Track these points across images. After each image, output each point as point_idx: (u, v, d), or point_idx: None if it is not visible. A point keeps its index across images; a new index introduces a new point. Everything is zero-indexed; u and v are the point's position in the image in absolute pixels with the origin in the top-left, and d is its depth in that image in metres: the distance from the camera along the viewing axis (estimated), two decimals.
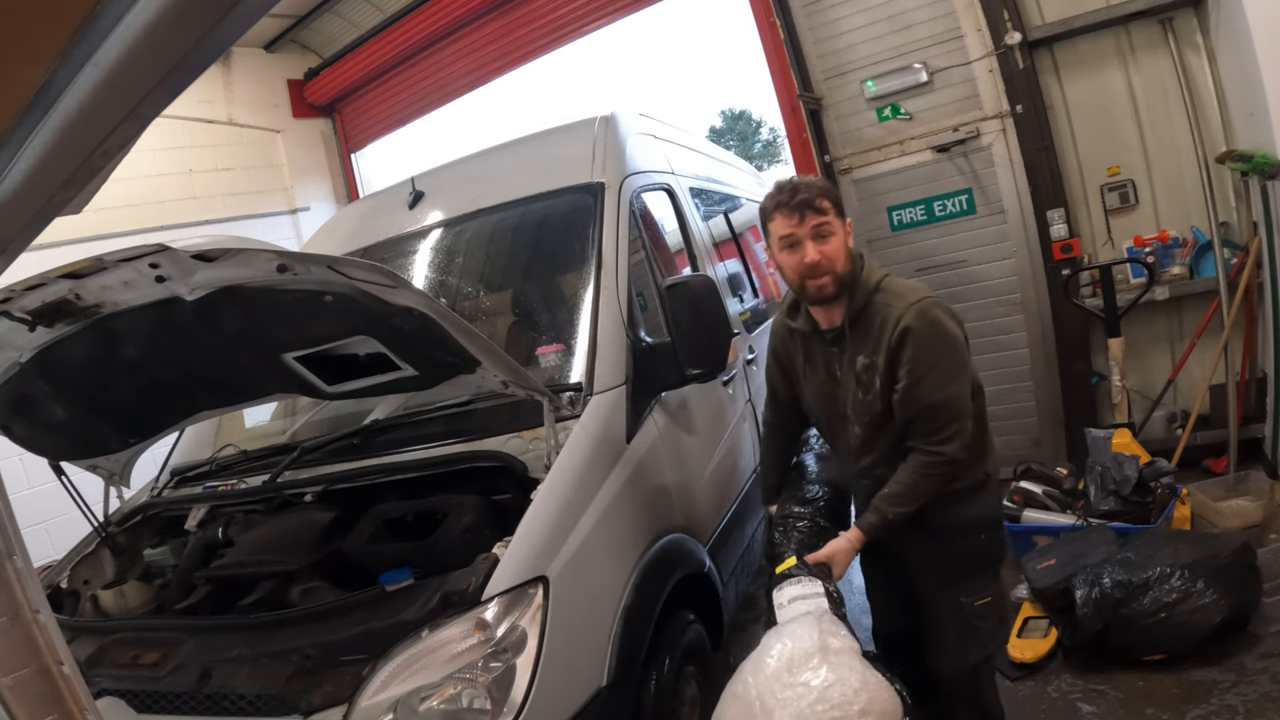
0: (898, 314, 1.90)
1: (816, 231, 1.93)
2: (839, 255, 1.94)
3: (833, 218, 1.94)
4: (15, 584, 1.04)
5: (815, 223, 1.92)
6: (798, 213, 1.93)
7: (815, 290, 1.95)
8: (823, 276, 1.93)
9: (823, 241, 1.93)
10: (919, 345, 1.89)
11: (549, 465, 2.06)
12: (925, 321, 1.88)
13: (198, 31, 0.41)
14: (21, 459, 2.68)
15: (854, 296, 1.98)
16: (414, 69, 6.99)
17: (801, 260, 1.93)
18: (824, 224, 1.93)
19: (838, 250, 1.94)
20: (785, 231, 1.96)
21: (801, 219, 1.93)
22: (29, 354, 2.11)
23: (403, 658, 1.70)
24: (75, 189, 0.59)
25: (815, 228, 1.92)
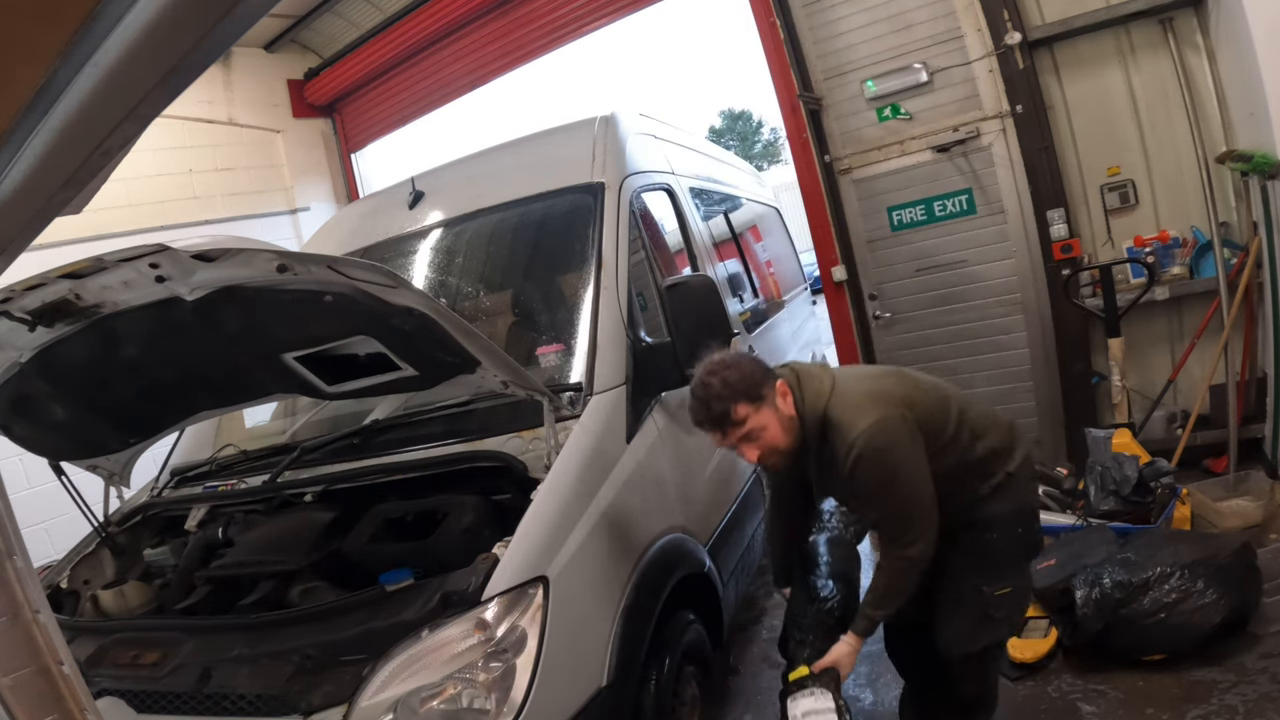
0: (846, 447, 1.91)
1: (745, 438, 1.93)
2: (776, 440, 1.95)
3: (753, 418, 1.91)
4: (15, 584, 1.04)
5: (737, 435, 1.92)
6: (717, 430, 1.93)
7: (772, 468, 2.08)
8: (771, 460, 1.99)
9: (754, 442, 1.94)
10: (869, 472, 1.92)
11: (549, 465, 2.06)
12: (871, 449, 1.90)
13: (198, 31, 0.41)
14: (21, 459, 2.68)
15: (808, 436, 1.99)
16: (414, 69, 6.99)
17: (747, 458, 1.99)
18: (747, 432, 1.92)
19: (774, 438, 1.94)
20: (717, 444, 1.99)
21: (724, 434, 1.93)
22: (29, 354, 2.11)
23: (403, 658, 1.70)
24: (75, 189, 0.59)
25: (741, 437, 1.92)
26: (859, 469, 1.91)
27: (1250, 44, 3.38)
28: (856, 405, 1.94)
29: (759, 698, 3.10)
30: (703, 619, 2.48)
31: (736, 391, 1.88)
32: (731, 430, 1.91)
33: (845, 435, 1.91)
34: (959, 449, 2.06)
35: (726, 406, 1.87)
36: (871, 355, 4.83)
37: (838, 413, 1.94)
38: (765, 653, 3.40)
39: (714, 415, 1.89)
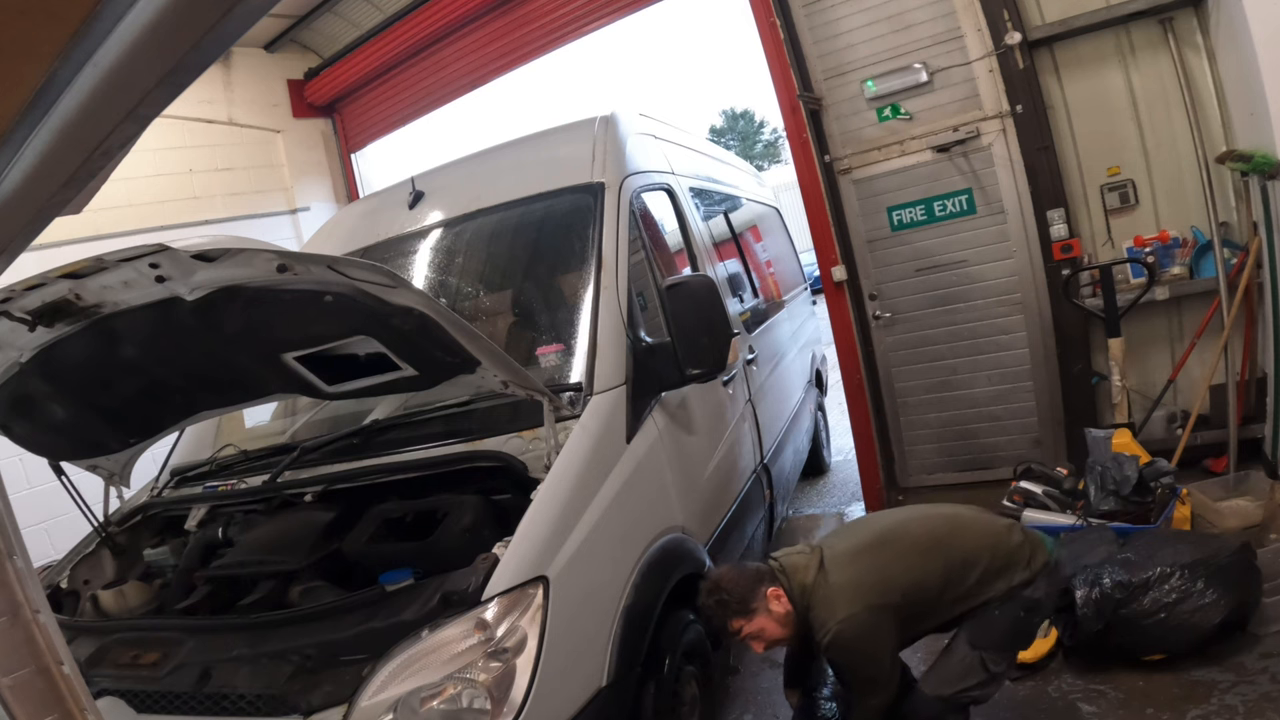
0: (822, 634, 2.24)
1: (746, 638, 2.28)
2: (776, 635, 2.28)
3: (747, 627, 2.25)
4: (15, 584, 1.03)
5: (741, 638, 2.29)
6: (727, 632, 2.31)
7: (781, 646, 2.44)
8: (776, 646, 2.36)
9: (756, 639, 2.28)
10: (839, 655, 2.30)
11: (549, 465, 2.06)
12: (840, 640, 2.21)
13: (198, 31, 0.41)
14: (21, 459, 2.68)
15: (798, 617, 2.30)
16: (414, 69, 6.99)
17: (755, 650, 2.36)
18: (745, 636, 2.27)
19: (772, 634, 2.27)
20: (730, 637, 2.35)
21: (732, 636, 2.31)
22: (29, 354, 2.11)
23: (403, 658, 1.70)
24: (75, 189, 0.58)
25: (744, 639, 2.28)
26: (830, 651, 2.26)
27: (1250, 44, 3.38)
28: (831, 601, 2.24)
29: (759, 698, 3.10)
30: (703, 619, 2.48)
31: (729, 610, 2.24)
32: (735, 636, 2.28)
33: (821, 625, 2.23)
34: (955, 586, 2.28)
35: (724, 623, 2.26)
36: (871, 355, 4.83)
37: (816, 609, 2.26)
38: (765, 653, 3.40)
39: (719, 627, 2.31)
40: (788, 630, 2.27)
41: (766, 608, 2.24)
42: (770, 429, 3.76)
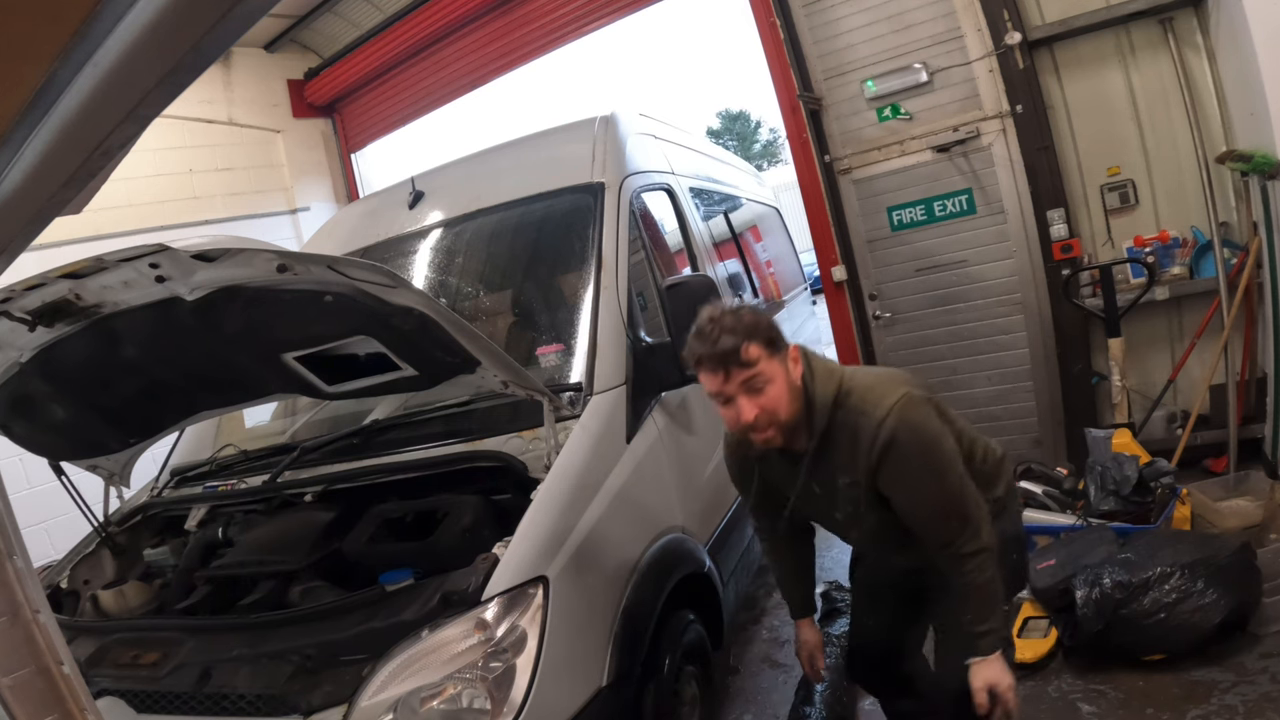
0: (873, 428, 1.67)
1: (748, 386, 1.65)
2: (779, 403, 1.68)
3: (764, 364, 1.65)
4: (15, 584, 1.03)
5: (744, 377, 1.65)
6: (721, 369, 1.65)
7: (761, 444, 1.75)
8: (765, 430, 1.70)
9: (757, 394, 1.66)
10: (907, 458, 1.68)
11: (549, 465, 2.06)
12: (908, 428, 1.67)
13: (198, 31, 0.41)
14: (21, 459, 2.68)
15: (813, 422, 1.74)
16: (414, 69, 6.99)
17: (738, 416, 1.68)
18: (753, 377, 1.65)
19: (778, 398, 1.67)
20: (713, 389, 1.69)
21: (727, 376, 1.65)
22: (29, 354, 2.11)
23: (403, 658, 1.70)
24: (75, 189, 0.59)
25: (744, 383, 1.65)
26: (893, 452, 1.66)
27: (1250, 44, 3.38)
28: (876, 384, 1.73)
29: (759, 698, 3.10)
30: (703, 619, 2.48)
31: (751, 330, 1.64)
32: (736, 371, 1.63)
33: (870, 413, 1.67)
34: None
35: (738, 343, 1.62)
36: (871, 355, 4.83)
37: (856, 393, 1.71)
38: (765, 653, 3.40)
39: (721, 351, 1.62)
40: (791, 410, 1.70)
41: (785, 360, 1.71)
42: None
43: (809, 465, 1.80)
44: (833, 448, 1.75)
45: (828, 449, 1.76)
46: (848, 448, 1.73)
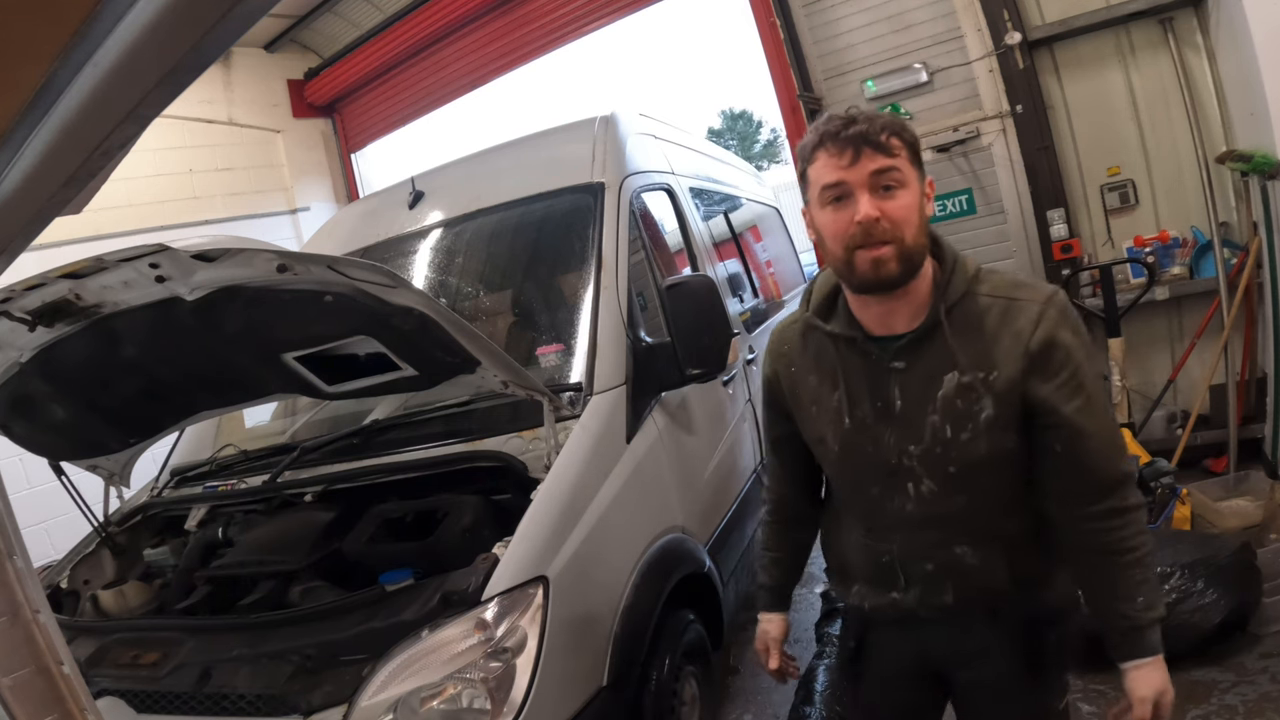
0: (1035, 311, 1.29)
1: (877, 180, 1.27)
2: (909, 218, 1.27)
3: (904, 163, 1.28)
4: (15, 584, 1.03)
5: (876, 166, 1.26)
6: (850, 148, 1.27)
7: (869, 265, 1.28)
8: (881, 246, 1.26)
9: (886, 195, 1.27)
10: (1074, 356, 1.30)
11: (549, 465, 2.06)
12: (1073, 325, 1.31)
13: (198, 31, 0.41)
14: (21, 459, 2.68)
15: (940, 288, 1.34)
16: (414, 69, 6.99)
17: (851, 218, 1.27)
18: (889, 169, 1.27)
19: (908, 211, 1.27)
20: (831, 178, 1.29)
21: (855, 157, 1.27)
22: (29, 354, 2.11)
23: (403, 658, 1.70)
24: (75, 189, 0.58)
25: (875, 174, 1.26)
26: (1060, 343, 1.28)
27: (1250, 44, 3.38)
28: (1022, 277, 1.41)
29: (759, 698, 3.10)
30: (703, 619, 2.48)
31: (898, 126, 1.30)
32: (869, 156, 1.26)
33: (1028, 296, 1.31)
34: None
35: (881, 129, 1.27)
36: None
37: (996, 277, 1.36)
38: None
39: (861, 130, 1.26)
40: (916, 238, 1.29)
41: (922, 185, 1.33)
42: None
43: (909, 349, 1.34)
44: (959, 333, 1.32)
45: (949, 331, 1.32)
46: (986, 335, 1.31)
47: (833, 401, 1.43)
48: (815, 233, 1.37)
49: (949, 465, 1.35)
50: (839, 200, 1.30)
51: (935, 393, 1.34)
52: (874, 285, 1.31)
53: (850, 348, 1.41)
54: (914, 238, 1.29)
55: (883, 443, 1.39)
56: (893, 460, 1.39)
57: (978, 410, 1.32)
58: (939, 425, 1.34)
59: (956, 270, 1.35)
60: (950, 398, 1.33)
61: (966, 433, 1.33)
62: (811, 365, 1.48)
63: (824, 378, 1.46)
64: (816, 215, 1.35)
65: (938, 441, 1.35)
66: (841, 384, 1.42)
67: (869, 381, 1.40)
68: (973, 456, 1.34)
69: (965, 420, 1.33)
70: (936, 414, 1.34)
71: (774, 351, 1.56)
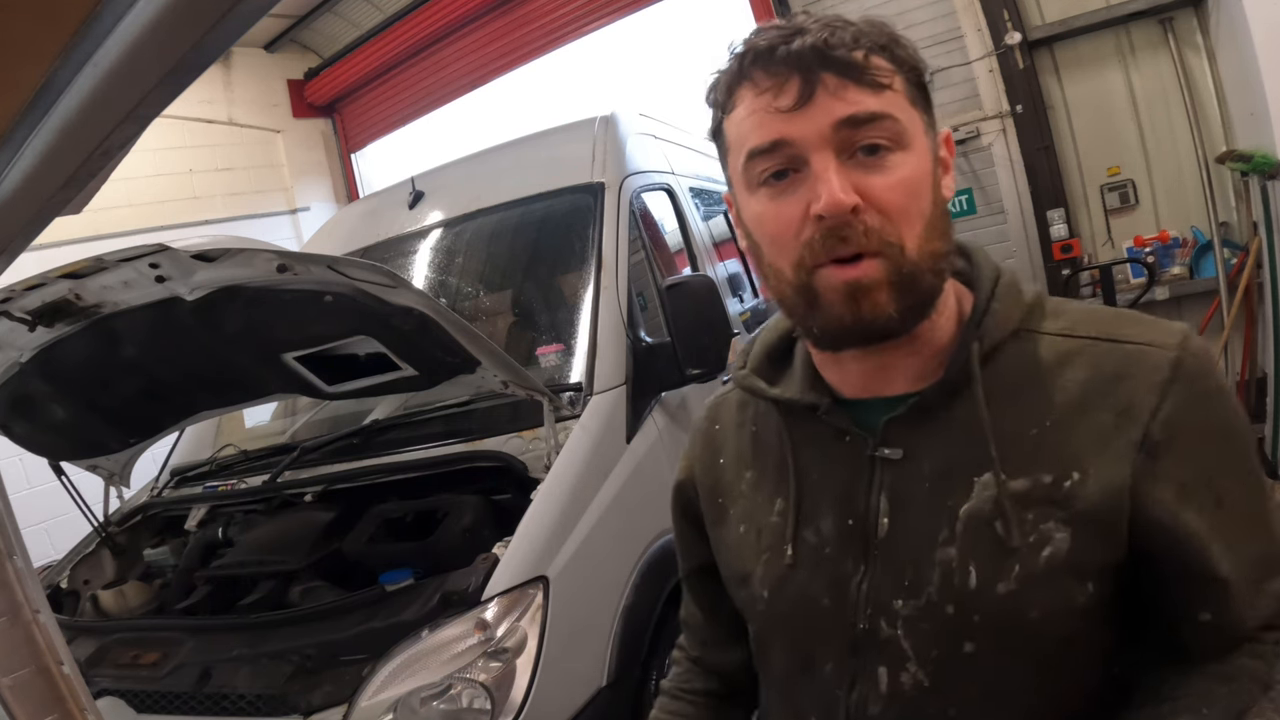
0: (1157, 373, 0.72)
1: (850, 137, 0.70)
2: (912, 205, 0.72)
3: (900, 102, 0.72)
4: (15, 584, 1.03)
5: (847, 109, 0.70)
6: (796, 76, 0.70)
7: (843, 297, 0.71)
8: (862, 259, 0.70)
9: (869, 164, 0.71)
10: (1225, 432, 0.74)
11: (549, 465, 2.06)
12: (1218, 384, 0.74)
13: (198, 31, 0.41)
14: (21, 459, 2.68)
15: (972, 322, 0.77)
16: (414, 69, 6.99)
17: (804, 209, 0.71)
18: (874, 117, 0.70)
19: (909, 191, 0.72)
20: (764, 135, 0.72)
21: (806, 94, 0.70)
22: (29, 354, 2.11)
23: (403, 658, 1.70)
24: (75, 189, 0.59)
25: (846, 124, 0.70)
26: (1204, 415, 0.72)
27: (1250, 44, 3.38)
28: (1107, 310, 0.82)
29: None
30: None
31: (886, 37, 0.73)
32: (839, 89, 0.69)
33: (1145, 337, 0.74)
34: None
35: (865, 45, 0.71)
36: None
37: (1090, 308, 0.81)
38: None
39: (821, 45, 0.69)
40: (925, 247, 0.71)
41: (935, 141, 0.76)
42: None
43: (910, 425, 0.78)
44: (1003, 399, 0.75)
45: (976, 400, 0.75)
46: (1059, 400, 0.74)
47: (770, 516, 0.86)
48: (745, 238, 0.80)
49: (963, 640, 0.74)
50: (780, 176, 0.72)
51: (956, 506, 0.75)
52: (852, 334, 0.73)
53: (808, 424, 0.83)
54: (921, 242, 0.71)
55: (847, 591, 0.79)
56: (860, 624, 0.78)
57: (1036, 542, 0.71)
58: (956, 566, 0.74)
59: (1001, 294, 0.77)
60: (983, 517, 0.73)
61: (1008, 582, 0.72)
62: (746, 455, 0.91)
63: (763, 475, 0.88)
64: (745, 205, 0.77)
65: (950, 595, 0.74)
66: (791, 484, 0.84)
67: (836, 481, 0.81)
68: (1011, 624, 0.73)
69: (1008, 559, 0.72)
70: (954, 545, 0.74)
71: (700, 435, 0.98)
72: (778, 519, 0.85)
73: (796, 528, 0.83)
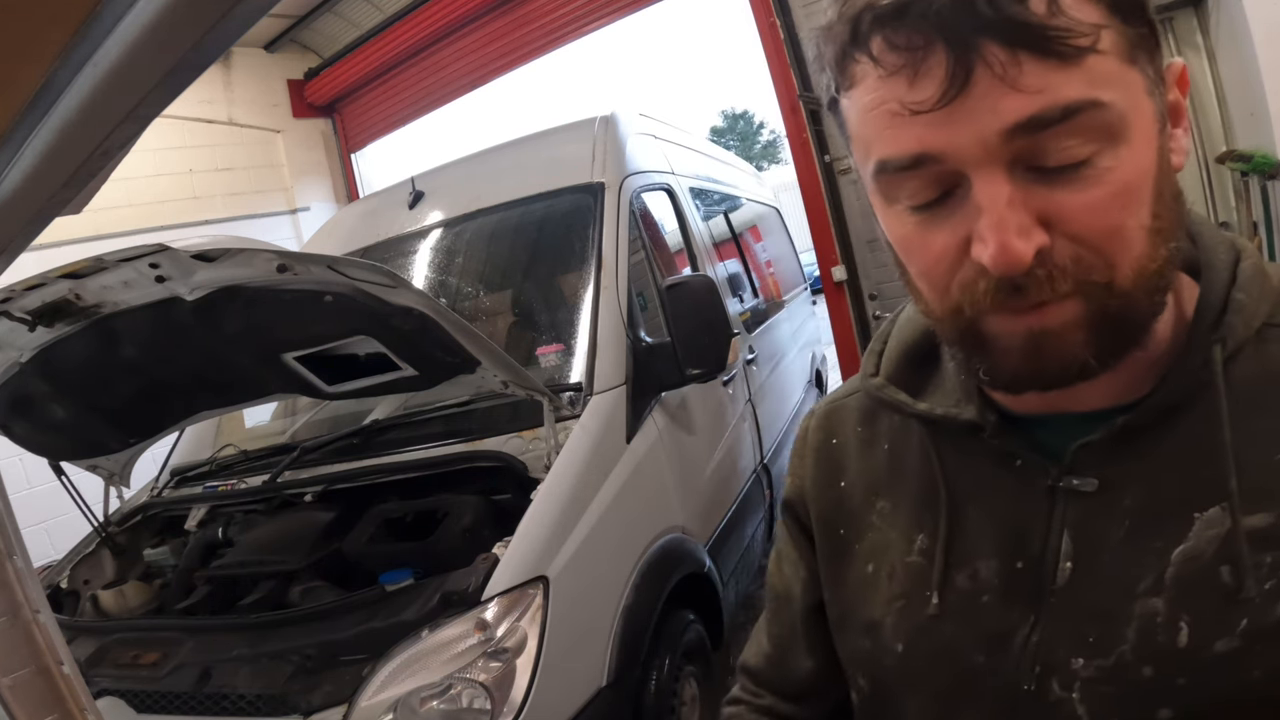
0: None
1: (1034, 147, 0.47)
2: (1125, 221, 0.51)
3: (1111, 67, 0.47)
4: (15, 584, 1.03)
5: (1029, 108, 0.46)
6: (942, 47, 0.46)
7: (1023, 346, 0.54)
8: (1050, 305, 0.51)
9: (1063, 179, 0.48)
10: None
11: (549, 465, 2.06)
12: None
13: (198, 31, 0.41)
14: (21, 459, 2.68)
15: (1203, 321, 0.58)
16: (414, 69, 7.00)
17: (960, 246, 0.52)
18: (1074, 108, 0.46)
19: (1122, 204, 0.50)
20: (901, 147, 0.51)
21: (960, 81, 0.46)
22: (29, 354, 2.11)
23: (403, 658, 1.70)
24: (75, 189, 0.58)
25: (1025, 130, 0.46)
26: None
27: (1250, 44, 3.38)
28: None
29: None
30: (703, 619, 2.48)
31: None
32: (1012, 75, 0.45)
33: None
34: None
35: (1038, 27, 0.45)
36: None
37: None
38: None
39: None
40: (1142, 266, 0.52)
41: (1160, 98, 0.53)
42: (771, 429, 3.76)
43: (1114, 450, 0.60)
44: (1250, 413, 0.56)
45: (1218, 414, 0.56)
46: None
47: (909, 555, 0.71)
48: (882, 237, 0.66)
49: (1158, 708, 0.58)
50: (926, 204, 0.54)
51: (1167, 548, 0.59)
52: (1034, 383, 0.58)
53: (966, 445, 0.68)
54: (1141, 265, 0.54)
55: (1010, 646, 0.64)
56: (1025, 684, 0.63)
57: (1273, 590, 0.55)
58: (1162, 621, 0.58)
59: (1244, 280, 0.61)
60: (1205, 562, 0.57)
61: (1231, 639, 0.55)
62: (879, 480, 0.75)
63: (899, 506, 0.73)
64: (880, 213, 0.61)
65: (1149, 654, 0.58)
66: (942, 518, 0.68)
67: (1002, 516, 0.66)
68: (1227, 688, 0.56)
69: (1234, 612, 0.56)
70: (1161, 596, 0.58)
71: (813, 451, 0.81)
72: (919, 559, 0.69)
73: (946, 570, 0.67)
